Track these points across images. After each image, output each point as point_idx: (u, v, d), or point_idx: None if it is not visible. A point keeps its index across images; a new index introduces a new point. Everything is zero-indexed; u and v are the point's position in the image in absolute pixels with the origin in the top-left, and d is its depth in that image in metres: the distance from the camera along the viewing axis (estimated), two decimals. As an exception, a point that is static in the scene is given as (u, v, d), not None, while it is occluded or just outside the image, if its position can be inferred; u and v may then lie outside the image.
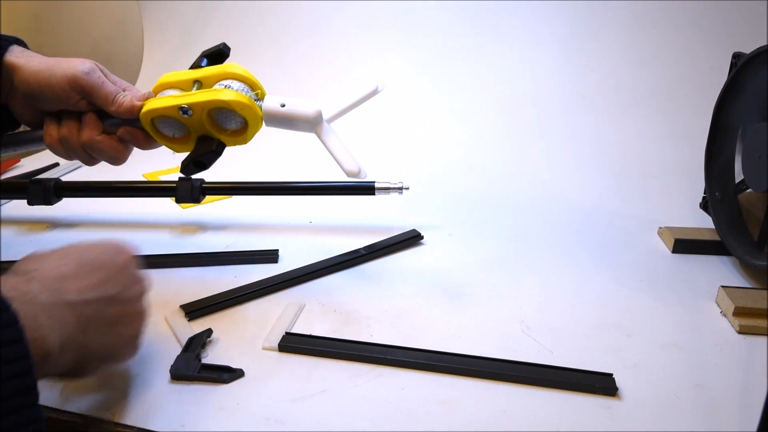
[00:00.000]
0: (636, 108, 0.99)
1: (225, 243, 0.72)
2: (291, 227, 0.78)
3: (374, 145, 1.00)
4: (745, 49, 0.63)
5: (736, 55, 0.65)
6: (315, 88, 1.14)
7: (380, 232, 0.74)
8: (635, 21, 1.04)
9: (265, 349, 0.52)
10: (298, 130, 0.55)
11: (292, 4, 1.23)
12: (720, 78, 0.67)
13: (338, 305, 0.59)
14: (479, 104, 1.06)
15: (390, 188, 0.72)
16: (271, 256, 0.68)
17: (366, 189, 0.73)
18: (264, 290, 0.61)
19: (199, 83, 0.55)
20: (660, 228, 0.74)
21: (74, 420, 0.44)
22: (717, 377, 0.48)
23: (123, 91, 0.55)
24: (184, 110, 0.52)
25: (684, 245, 0.69)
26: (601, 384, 0.46)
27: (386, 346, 0.51)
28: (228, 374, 0.48)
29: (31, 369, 0.32)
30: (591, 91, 1.02)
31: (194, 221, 0.79)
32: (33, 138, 0.59)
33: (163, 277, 0.65)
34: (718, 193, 0.68)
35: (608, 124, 0.98)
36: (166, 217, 0.80)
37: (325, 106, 0.55)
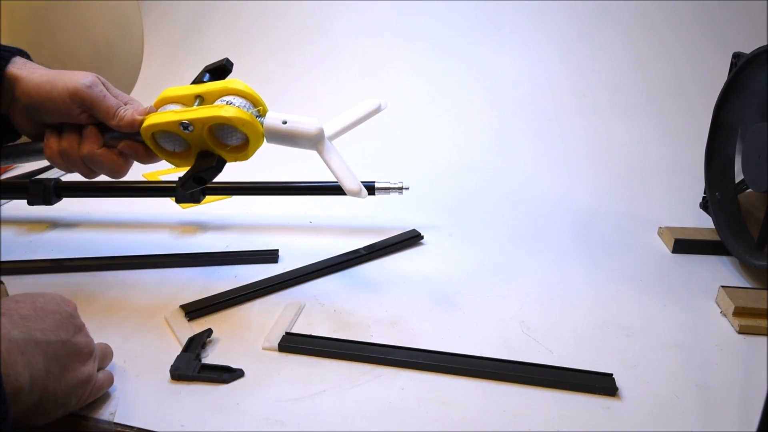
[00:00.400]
0: (636, 108, 0.99)
1: (225, 243, 0.72)
2: (291, 227, 0.78)
3: (374, 144, 1.00)
4: (745, 49, 0.64)
5: (736, 55, 0.65)
6: (315, 88, 1.14)
7: (380, 232, 0.74)
8: (635, 21, 1.04)
9: (265, 349, 0.52)
10: (299, 147, 0.55)
11: (293, 5, 1.23)
12: (720, 78, 0.67)
13: (338, 305, 0.59)
14: (479, 104, 1.06)
15: (390, 188, 0.72)
16: (271, 256, 0.68)
17: (366, 189, 0.73)
18: (264, 290, 0.61)
19: (200, 98, 0.55)
20: (660, 228, 0.74)
21: (74, 420, 0.44)
22: (717, 377, 0.48)
23: (124, 104, 0.55)
24: (185, 125, 0.52)
25: (684, 245, 0.69)
26: (601, 384, 0.46)
27: (386, 346, 0.51)
28: (228, 374, 0.48)
29: (5, 400, 0.33)
30: (591, 91, 1.02)
31: (194, 221, 0.79)
32: (33, 150, 0.59)
33: (163, 277, 0.65)
34: (718, 193, 0.68)
35: (608, 124, 0.98)
36: (166, 217, 0.80)
37: (327, 123, 0.55)
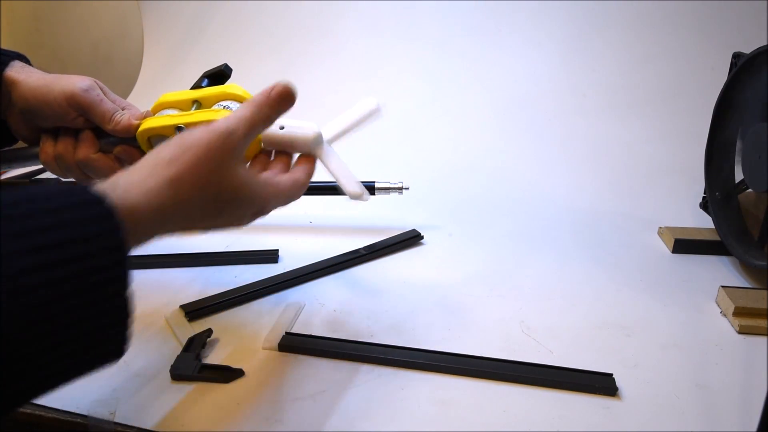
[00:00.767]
0: (636, 108, 0.99)
1: (225, 243, 0.72)
2: (291, 227, 0.78)
3: (374, 144, 1.00)
4: (745, 49, 0.63)
5: (736, 55, 0.65)
6: (315, 88, 1.13)
7: (380, 232, 0.74)
8: (635, 21, 1.04)
9: (265, 349, 0.52)
10: (297, 152, 0.55)
11: (293, 5, 1.23)
12: (720, 78, 0.67)
13: (338, 305, 0.59)
14: (479, 104, 1.06)
15: (390, 188, 0.72)
16: (271, 256, 0.68)
17: (366, 189, 0.73)
18: (264, 290, 0.61)
19: (198, 103, 0.54)
20: (660, 228, 0.74)
21: (74, 420, 0.44)
22: (717, 377, 0.48)
23: (122, 109, 0.55)
24: (181, 129, 0.52)
25: (684, 245, 0.69)
26: (601, 384, 0.46)
27: (386, 346, 0.51)
28: (228, 374, 0.48)
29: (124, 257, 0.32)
30: (591, 91, 1.02)
31: (194, 221, 0.79)
32: (29, 155, 0.58)
33: (163, 277, 0.65)
34: (718, 193, 0.68)
35: (608, 124, 0.98)
36: (166, 217, 0.80)
37: (325, 127, 0.55)
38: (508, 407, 0.45)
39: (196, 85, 0.56)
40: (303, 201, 0.83)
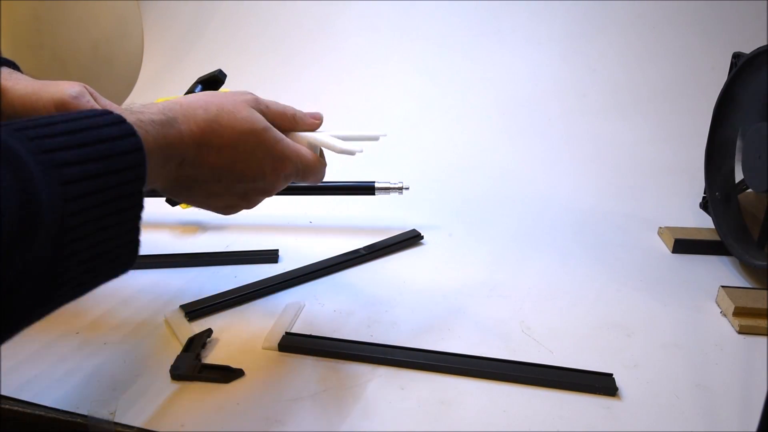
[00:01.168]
0: (636, 108, 0.99)
1: (225, 243, 0.72)
2: (291, 227, 0.78)
3: (374, 144, 1.00)
4: (745, 49, 0.64)
5: (736, 55, 0.65)
6: (315, 88, 1.14)
7: (380, 232, 0.74)
8: (635, 21, 1.04)
9: (265, 349, 0.52)
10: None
11: (293, 5, 1.23)
12: (720, 78, 0.67)
13: (338, 305, 0.59)
14: (479, 104, 1.06)
15: (390, 188, 0.72)
16: (271, 256, 0.68)
17: (366, 189, 0.73)
18: (264, 290, 0.61)
19: None
20: (660, 228, 0.74)
21: (74, 420, 0.44)
22: (717, 377, 0.48)
23: None
24: None
25: (684, 245, 0.69)
26: (601, 384, 0.46)
27: (386, 346, 0.51)
28: (228, 374, 0.48)
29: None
30: (591, 91, 1.02)
31: (194, 221, 0.79)
32: None
33: (163, 277, 0.65)
34: (718, 193, 0.68)
35: (608, 124, 0.98)
36: (166, 217, 0.80)
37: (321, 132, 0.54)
38: (508, 407, 0.45)
39: (190, 91, 0.56)
40: (303, 201, 0.84)
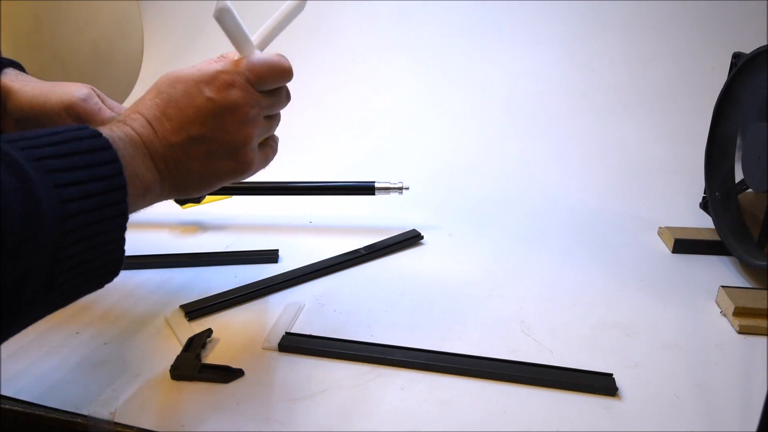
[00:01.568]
0: (636, 108, 0.99)
1: (225, 243, 0.72)
2: (291, 227, 0.78)
3: (374, 144, 1.00)
4: (745, 49, 0.64)
5: (736, 55, 0.65)
6: (315, 88, 1.14)
7: (380, 232, 0.74)
8: (636, 21, 1.04)
9: (265, 349, 0.52)
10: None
11: (292, 4, 1.23)
12: (720, 78, 0.67)
13: (338, 305, 0.59)
14: (479, 104, 1.06)
15: (390, 188, 0.72)
16: (271, 256, 0.68)
17: (366, 189, 0.73)
18: (264, 290, 0.61)
19: None
20: (660, 228, 0.74)
21: (74, 420, 0.44)
22: (717, 377, 0.48)
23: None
24: None
25: (684, 245, 0.69)
26: (601, 384, 0.46)
27: (386, 346, 0.51)
28: (228, 374, 0.48)
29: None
30: (592, 91, 1.02)
31: (194, 221, 0.79)
32: None
33: (163, 277, 0.65)
34: (718, 193, 0.68)
35: (609, 124, 0.98)
36: (166, 217, 0.80)
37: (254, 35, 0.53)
38: (508, 407, 0.45)
39: None
40: (303, 201, 0.84)
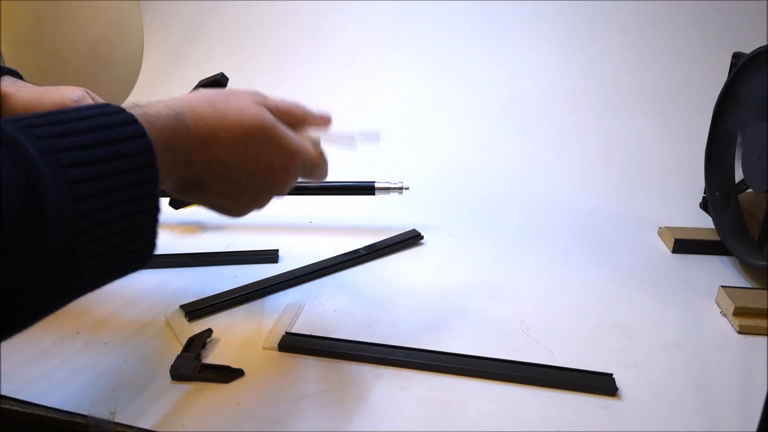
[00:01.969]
0: (636, 108, 0.99)
1: (225, 243, 0.72)
2: (291, 227, 0.78)
3: (374, 144, 1.00)
4: (745, 49, 0.64)
5: (736, 55, 0.65)
6: (315, 88, 1.14)
7: (380, 232, 0.74)
8: (636, 21, 1.04)
9: (265, 349, 0.52)
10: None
11: (292, 4, 1.23)
12: (720, 78, 0.67)
13: (338, 305, 0.59)
14: (479, 104, 1.06)
15: (390, 188, 0.72)
16: (271, 256, 0.68)
17: (366, 189, 0.73)
18: (264, 290, 0.61)
19: None
20: (660, 228, 0.74)
21: (74, 420, 0.44)
22: (717, 377, 0.48)
23: None
24: None
25: (684, 245, 0.69)
26: (601, 384, 0.46)
27: (386, 346, 0.51)
28: (228, 374, 0.48)
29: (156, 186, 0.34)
30: (592, 91, 1.02)
31: (194, 221, 0.79)
32: None
33: (163, 277, 0.65)
34: (718, 193, 0.68)
35: (609, 124, 0.98)
36: (166, 217, 0.80)
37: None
38: (508, 407, 0.45)
39: None
40: (303, 201, 0.84)
